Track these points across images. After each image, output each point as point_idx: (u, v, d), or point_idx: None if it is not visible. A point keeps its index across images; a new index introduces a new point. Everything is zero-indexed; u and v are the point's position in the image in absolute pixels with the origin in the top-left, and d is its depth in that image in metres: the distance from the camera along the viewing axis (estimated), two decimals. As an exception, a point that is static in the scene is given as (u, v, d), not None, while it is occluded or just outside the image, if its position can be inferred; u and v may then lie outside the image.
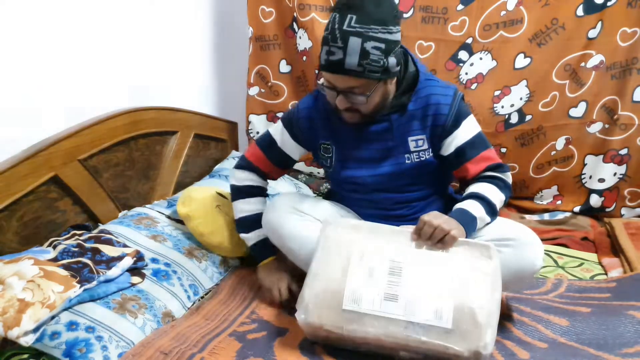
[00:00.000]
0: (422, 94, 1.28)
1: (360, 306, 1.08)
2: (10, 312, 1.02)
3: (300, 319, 1.12)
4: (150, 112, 1.72)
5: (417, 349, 1.06)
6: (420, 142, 1.30)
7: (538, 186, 2.09)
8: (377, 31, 1.13)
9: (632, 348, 1.13)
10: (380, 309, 1.08)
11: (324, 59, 1.18)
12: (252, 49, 2.10)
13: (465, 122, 1.28)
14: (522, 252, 1.19)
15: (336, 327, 1.09)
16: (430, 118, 1.27)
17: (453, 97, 1.27)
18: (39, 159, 1.31)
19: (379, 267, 1.12)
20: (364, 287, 1.10)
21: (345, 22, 1.12)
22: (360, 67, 1.13)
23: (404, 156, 1.31)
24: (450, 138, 1.28)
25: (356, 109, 1.23)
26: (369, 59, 1.13)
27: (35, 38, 1.35)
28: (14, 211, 1.27)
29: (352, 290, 1.10)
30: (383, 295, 1.09)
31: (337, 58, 1.14)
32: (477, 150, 1.28)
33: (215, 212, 1.52)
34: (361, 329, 1.07)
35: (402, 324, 1.06)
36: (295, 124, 1.38)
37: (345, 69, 1.14)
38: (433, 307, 1.06)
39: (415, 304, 1.07)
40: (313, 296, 1.12)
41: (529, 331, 1.24)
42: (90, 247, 1.27)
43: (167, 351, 1.10)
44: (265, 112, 2.20)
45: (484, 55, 1.94)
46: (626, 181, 1.98)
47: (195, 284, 1.39)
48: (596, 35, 1.87)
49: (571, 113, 1.98)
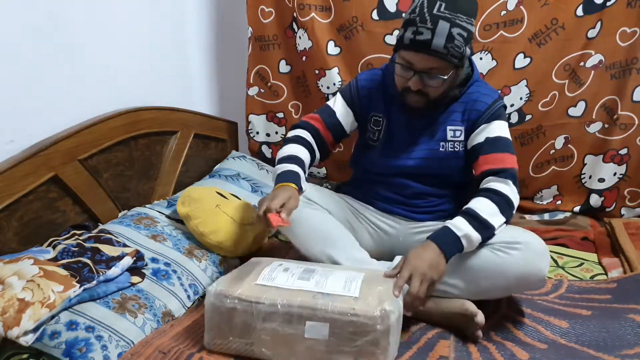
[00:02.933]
0: (471, 91, 1.37)
1: (273, 282, 1.12)
2: (10, 312, 1.02)
3: (209, 289, 1.11)
4: (150, 112, 1.72)
5: (324, 316, 1.05)
6: (457, 133, 1.37)
7: (537, 186, 2.09)
8: (463, 20, 1.21)
9: (632, 350, 1.13)
10: (292, 285, 1.11)
11: (409, 38, 1.22)
12: (252, 49, 2.10)
13: (497, 123, 1.33)
14: (531, 257, 1.20)
15: (246, 297, 1.08)
16: (469, 112, 1.35)
17: (495, 99, 1.35)
18: (39, 159, 1.32)
19: (294, 268, 1.19)
20: (278, 274, 1.15)
21: (435, 7, 1.19)
22: (445, 50, 1.20)
23: (439, 143, 1.37)
24: (477, 132, 1.34)
25: (425, 92, 1.29)
26: (453, 44, 1.20)
27: (35, 38, 1.36)
28: (14, 211, 1.27)
29: (266, 274, 1.15)
30: (297, 277, 1.14)
31: (424, 38, 1.20)
32: (495, 149, 1.31)
33: (215, 211, 1.52)
34: (271, 298, 1.07)
35: (311, 294, 1.08)
36: (354, 91, 1.47)
37: (431, 49, 1.20)
38: (342, 282, 1.11)
39: (326, 281, 1.12)
40: (228, 277, 1.17)
41: (529, 332, 1.24)
42: (90, 246, 1.27)
43: (166, 350, 1.10)
44: (265, 112, 2.20)
45: (484, 55, 1.94)
46: (626, 181, 1.98)
47: (195, 284, 1.39)
48: (595, 35, 1.86)
49: (570, 112, 1.98)
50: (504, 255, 1.21)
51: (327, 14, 1.98)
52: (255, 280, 1.13)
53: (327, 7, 1.97)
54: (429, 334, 1.22)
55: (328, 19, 1.98)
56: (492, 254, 1.22)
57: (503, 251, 1.21)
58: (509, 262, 1.20)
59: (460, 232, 1.19)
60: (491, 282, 1.22)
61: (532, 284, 1.25)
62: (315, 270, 1.18)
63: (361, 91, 1.46)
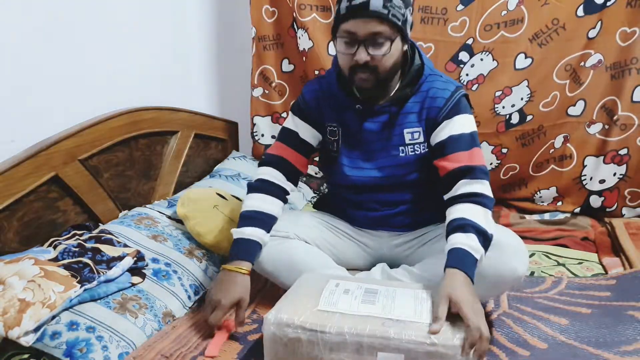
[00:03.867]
0: (424, 88, 1.28)
1: (336, 307, 1.03)
2: (11, 312, 1.02)
3: (268, 317, 1.02)
4: (150, 112, 1.72)
5: (398, 346, 0.97)
6: (416, 135, 1.30)
7: (536, 185, 2.09)
8: None
9: (631, 346, 1.14)
10: (358, 310, 1.02)
11: (345, 6, 1.17)
12: (255, 50, 2.09)
13: (459, 117, 1.25)
14: (503, 257, 1.14)
15: (310, 325, 0.99)
16: (426, 111, 1.28)
17: (452, 92, 1.26)
18: (40, 159, 1.31)
19: (354, 289, 1.10)
20: (339, 296, 1.07)
21: None
22: (385, 10, 1.14)
23: (397, 149, 1.31)
24: (438, 129, 1.26)
25: (373, 67, 1.20)
26: (392, 3, 1.15)
27: (35, 38, 1.35)
28: (14, 211, 1.27)
29: (327, 297, 1.07)
30: (360, 299, 1.05)
31: (360, 0, 1.14)
32: (458, 147, 1.23)
33: (213, 212, 1.52)
34: (337, 326, 0.98)
35: (381, 321, 0.99)
36: (303, 106, 1.39)
37: (370, 10, 1.14)
38: (412, 307, 1.03)
39: (393, 304, 1.04)
40: (286, 302, 1.07)
41: (529, 329, 1.24)
42: (90, 247, 1.27)
43: (169, 354, 1.10)
44: (269, 114, 2.20)
45: (484, 56, 1.94)
46: (626, 181, 1.98)
47: (196, 284, 1.39)
48: (595, 35, 1.87)
49: (569, 111, 1.98)
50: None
51: (328, 14, 1.98)
52: (317, 305, 1.04)
53: (327, 8, 1.97)
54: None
55: (328, 19, 1.98)
56: None
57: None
58: (482, 263, 1.12)
59: (478, 254, 1.10)
60: None
61: (507, 283, 1.18)
62: (378, 291, 1.09)
63: (310, 103, 1.38)
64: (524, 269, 1.16)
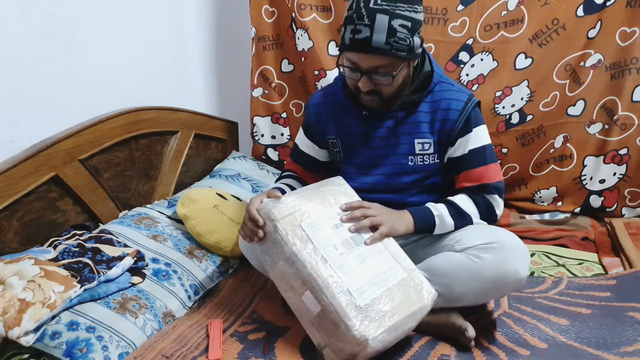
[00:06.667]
0: (436, 98, 1.26)
1: (314, 234, 1.10)
2: (11, 312, 1.02)
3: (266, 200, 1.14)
4: (150, 112, 1.72)
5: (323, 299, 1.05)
6: (426, 146, 1.28)
7: (536, 185, 2.09)
8: (404, 9, 1.11)
9: (631, 346, 1.14)
10: (326, 251, 1.09)
11: (348, 38, 1.14)
12: (255, 50, 2.09)
13: (477, 130, 1.25)
14: (504, 258, 1.13)
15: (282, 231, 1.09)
16: (439, 122, 1.25)
17: (465, 102, 1.24)
18: (40, 159, 1.31)
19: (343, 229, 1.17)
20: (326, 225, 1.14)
21: (371, 0, 1.10)
22: (388, 45, 1.11)
23: (407, 157, 1.29)
24: (456, 145, 1.26)
25: (378, 91, 1.21)
26: (396, 37, 1.11)
27: (35, 38, 1.35)
28: (14, 211, 1.27)
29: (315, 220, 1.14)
30: (340, 241, 1.13)
31: (363, 36, 1.11)
32: (478, 162, 1.25)
33: (213, 212, 1.52)
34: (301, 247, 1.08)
35: (332, 271, 1.07)
36: (309, 122, 1.42)
37: (372, 47, 1.11)
38: (369, 277, 1.09)
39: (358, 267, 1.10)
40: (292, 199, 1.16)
41: (529, 329, 1.24)
42: (90, 247, 1.27)
43: (169, 354, 1.10)
44: (269, 114, 2.20)
45: (484, 56, 1.94)
46: (626, 181, 1.98)
47: (196, 284, 1.39)
48: (595, 34, 1.87)
49: (569, 111, 1.98)
50: (477, 260, 1.14)
51: (328, 14, 1.98)
52: (302, 221, 1.11)
53: (328, 8, 1.97)
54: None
55: (329, 20, 1.98)
56: (467, 259, 1.15)
57: (478, 256, 1.14)
58: (483, 264, 1.13)
59: (437, 211, 1.22)
60: (466, 286, 1.15)
61: (509, 285, 1.15)
62: (361, 245, 1.15)
63: (313, 117, 1.39)
64: (525, 271, 1.15)
